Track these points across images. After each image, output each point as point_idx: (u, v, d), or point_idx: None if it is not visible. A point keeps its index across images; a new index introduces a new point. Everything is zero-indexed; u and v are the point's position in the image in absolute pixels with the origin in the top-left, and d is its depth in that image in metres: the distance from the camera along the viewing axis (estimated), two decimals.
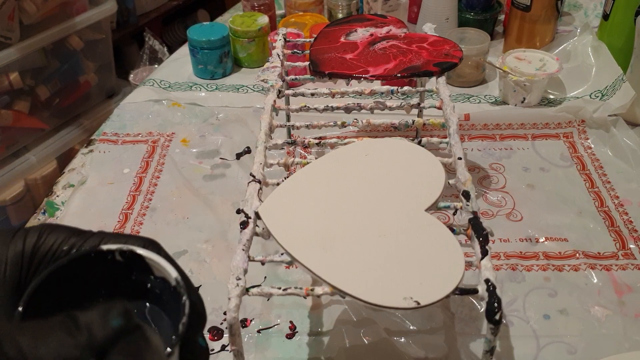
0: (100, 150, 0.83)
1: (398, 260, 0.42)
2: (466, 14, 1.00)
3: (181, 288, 0.29)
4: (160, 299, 0.31)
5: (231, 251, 0.62)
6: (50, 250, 0.30)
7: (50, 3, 1.23)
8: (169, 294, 0.30)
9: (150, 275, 0.31)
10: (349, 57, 0.67)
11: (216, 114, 0.89)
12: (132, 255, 0.30)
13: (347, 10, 1.06)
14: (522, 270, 0.63)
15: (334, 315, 0.59)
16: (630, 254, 0.65)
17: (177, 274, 0.30)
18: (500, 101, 0.89)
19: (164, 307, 0.31)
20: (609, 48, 0.90)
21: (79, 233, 0.31)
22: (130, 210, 0.73)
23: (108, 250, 0.30)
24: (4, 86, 1.19)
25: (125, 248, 0.30)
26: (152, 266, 0.31)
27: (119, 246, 0.30)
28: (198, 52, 0.95)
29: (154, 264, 0.30)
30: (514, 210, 0.71)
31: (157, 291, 0.31)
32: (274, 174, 0.69)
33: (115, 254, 0.30)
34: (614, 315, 0.58)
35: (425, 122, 0.60)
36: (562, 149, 0.80)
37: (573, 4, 1.16)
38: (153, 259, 0.30)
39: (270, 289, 0.42)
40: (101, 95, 1.46)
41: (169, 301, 0.30)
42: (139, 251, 0.30)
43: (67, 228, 0.31)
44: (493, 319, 0.39)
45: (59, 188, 0.77)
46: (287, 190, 0.49)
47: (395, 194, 0.48)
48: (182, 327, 0.28)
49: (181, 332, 0.28)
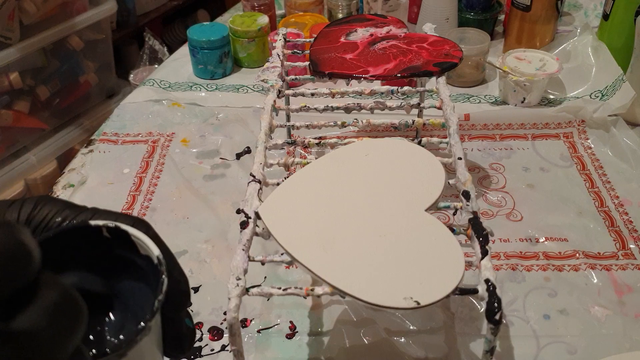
0: (100, 150, 0.83)
1: (398, 260, 0.42)
2: (466, 14, 1.00)
3: (162, 266, 0.30)
4: (147, 276, 0.32)
5: (231, 251, 0.62)
6: (43, 221, 0.31)
7: (50, 3, 1.23)
8: (153, 272, 0.31)
9: (136, 253, 0.32)
10: (349, 57, 0.67)
11: (216, 114, 0.89)
12: (119, 232, 0.31)
13: (347, 10, 1.06)
14: (522, 270, 0.63)
15: (334, 315, 0.59)
16: (630, 254, 0.65)
17: (158, 252, 0.30)
18: (500, 101, 0.89)
19: (150, 284, 0.32)
20: (609, 48, 0.90)
21: (72, 207, 0.32)
22: (130, 210, 0.73)
23: (95, 226, 0.31)
24: (4, 86, 1.19)
25: (111, 224, 0.31)
26: (137, 244, 0.31)
27: (106, 222, 0.31)
28: (198, 52, 0.95)
29: (139, 242, 0.31)
30: (514, 210, 0.71)
31: (144, 269, 0.32)
32: (274, 174, 0.69)
33: (103, 230, 0.31)
34: (614, 315, 0.58)
35: (425, 122, 0.60)
36: (562, 149, 0.80)
37: (573, 4, 1.16)
38: (138, 236, 0.31)
39: (270, 289, 0.42)
40: (101, 95, 1.46)
41: (154, 279, 0.31)
42: (124, 227, 0.31)
43: (62, 201, 0.32)
44: (493, 319, 0.39)
45: (59, 188, 0.77)
46: (287, 190, 0.49)
47: (395, 194, 0.48)
48: (157, 304, 0.29)
49: (156, 308, 0.29)
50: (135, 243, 0.31)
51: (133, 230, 0.31)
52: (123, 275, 0.33)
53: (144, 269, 0.32)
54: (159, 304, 0.29)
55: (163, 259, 0.30)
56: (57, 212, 0.31)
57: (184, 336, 0.34)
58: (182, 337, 0.34)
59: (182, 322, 0.34)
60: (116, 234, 0.31)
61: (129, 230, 0.31)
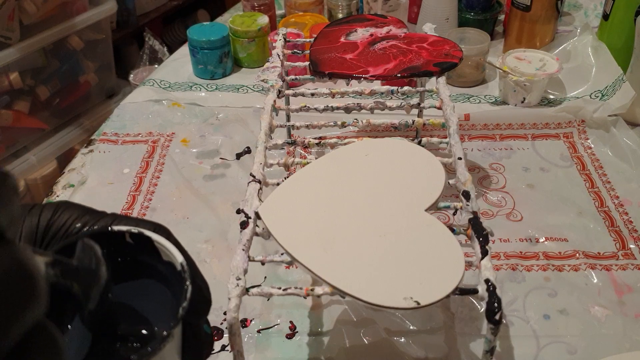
0: (100, 150, 0.83)
1: (398, 260, 0.42)
2: (466, 14, 1.00)
3: (185, 273, 0.30)
4: (170, 282, 0.32)
5: (231, 251, 0.62)
6: (63, 226, 0.31)
7: (50, 3, 1.23)
8: (175, 278, 0.31)
9: (159, 259, 0.31)
10: (349, 57, 0.67)
11: (216, 114, 0.89)
12: (141, 238, 0.31)
13: (347, 10, 1.06)
14: (522, 270, 0.63)
15: (334, 315, 0.59)
16: (630, 254, 0.65)
17: (182, 259, 0.30)
18: (500, 101, 0.89)
19: (173, 290, 0.31)
20: (609, 48, 0.90)
21: (92, 212, 0.32)
22: (130, 210, 0.73)
23: (119, 231, 0.31)
24: (4, 86, 1.19)
25: (135, 230, 0.31)
26: (160, 250, 0.31)
27: (129, 228, 0.31)
28: (198, 52, 0.95)
29: (162, 248, 0.31)
30: (514, 210, 0.71)
31: (165, 274, 0.32)
32: (274, 174, 0.69)
33: (126, 236, 0.31)
34: (614, 315, 0.58)
35: (425, 122, 0.60)
36: (562, 149, 0.80)
37: (573, 4, 1.16)
38: (161, 242, 0.31)
39: (270, 289, 0.42)
40: (101, 95, 1.46)
41: (176, 285, 0.31)
42: (148, 234, 0.31)
43: (82, 207, 0.32)
44: (493, 319, 0.39)
45: (59, 188, 0.77)
46: (287, 190, 0.49)
47: (395, 194, 0.48)
48: (181, 311, 0.29)
49: (180, 316, 0.28)
50: (158, 249, 0.31)
51: (156, 237, 0.31)
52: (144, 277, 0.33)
53: (165, 275, 0.31)
54: (183, 311, 0.28)
55: (187, 265, 0.30)
56: (77, 217, 0.31)
57: (203, 343, 0.34)
58: (201, 344, 0.34)
59: (201, 329, 0.33)
60: (139, 240, 0.31)
61: (152, 236, 0.31)
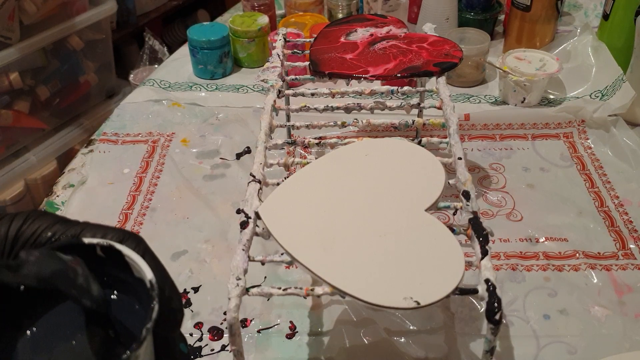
0: (100, 150, 0.83)
1: (398, 260, 0.42)
2: (466, 14, 1.00)
3: (153, 291, 0.29)
4: (141, 298, 0.31)
5: (231, 251, 0.62)
6: (33, 235, 0.31)
7: (50, 3, 1.23)
8: (145, 294, 0.30)
9: (130, 273, 0.31)
10: (349, 57, 0.67)
11: (216, 114, 0.89)
12: (112, 251, 0.31)
13: (347, 10, 1.06)
14: (522, 270, 0.63)
15: (334, 315, 0.59)
16: (630, 254, 0.65)
17: (151, 276, 0.30)
18: (500, 101, 0.89)
19: (144, 304, 0.31)
20: (609, 48, 0.90)
21: (63, 221, 0.32)
22: (130, 210, 0.73)
23: (89, 244, 0.30)
24: (4, 86, 1.19)
25: (104, 243, 0.30)
26: (131, 265, 0.31)
27: (99, 241, 0.30)
28: (198, 52, 0.95)
29: (133, 264, 0.31)
30: (514, 210, 0.71)
31: (137, 290, 0.31)
32: (274, 174, 0.69)
33: (97, 249, 0.31)
34: (614, 315, 0.58)
35: (425, 122, 0.60)
36: (562, 149, 0.80)
37: (573, 4, 1.16)
38: (131, 257, 0.30)
39: (270, 289, 0.42)
40: (101, 95, 1.46)
41: (146, 301, 0.30)
42: (118, 247, 0.30)
43: (54, 216, 0.32)
44: (493, 319, 0.39)
45: (59, 188, 0.77)
46: (287, 190, 0.49)
47: (395, 194, 0.48)
48: (144, 332, 0.28)
49: (143, 337, 0.28)
50: (129, 264, 0.31)
51: (127, 251, 0.30)
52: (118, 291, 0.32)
53: (137, 290, 0.31)
54: (146, 332, 0.28)
55: (155, 282, 0.30)
56: (47, 227, 0.31)
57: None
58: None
59: (175, 344, 0.33)
60: (109, 253, 0.31)
61: (122, 250, 0.30)
